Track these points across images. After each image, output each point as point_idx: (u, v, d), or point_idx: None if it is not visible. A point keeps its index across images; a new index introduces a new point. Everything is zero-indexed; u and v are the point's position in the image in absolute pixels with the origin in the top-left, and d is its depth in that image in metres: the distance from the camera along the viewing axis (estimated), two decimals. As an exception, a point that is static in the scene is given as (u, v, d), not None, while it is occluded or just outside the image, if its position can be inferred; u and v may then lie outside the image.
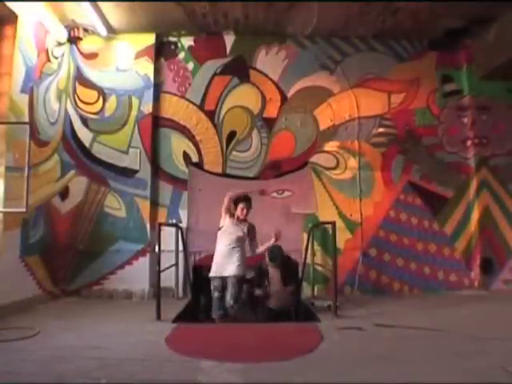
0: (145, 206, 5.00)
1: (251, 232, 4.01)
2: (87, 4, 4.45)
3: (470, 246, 5.20)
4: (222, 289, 3.84)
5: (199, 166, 5.20)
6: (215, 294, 3.86)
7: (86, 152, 5.09)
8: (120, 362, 2.50)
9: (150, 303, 4.24)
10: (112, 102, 5.14)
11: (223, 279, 3.84)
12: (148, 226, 4.97)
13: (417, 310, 4.02)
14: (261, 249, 4.06)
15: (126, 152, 5.09)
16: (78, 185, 5.03)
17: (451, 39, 5.33)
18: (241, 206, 3.98)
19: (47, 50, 4.66)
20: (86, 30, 5.12)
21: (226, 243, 3.88)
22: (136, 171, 5.06)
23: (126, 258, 4.91)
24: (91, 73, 5.20)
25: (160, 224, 4.13)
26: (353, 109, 5.34)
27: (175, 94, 5.29)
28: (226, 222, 3.98)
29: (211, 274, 3.88)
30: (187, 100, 5.27)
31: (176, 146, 5.21)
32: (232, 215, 3.99)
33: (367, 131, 5.32)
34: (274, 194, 5.13)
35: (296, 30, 5.26)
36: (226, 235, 3.91)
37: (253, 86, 5.32)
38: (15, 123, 4.02)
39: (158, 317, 3.65)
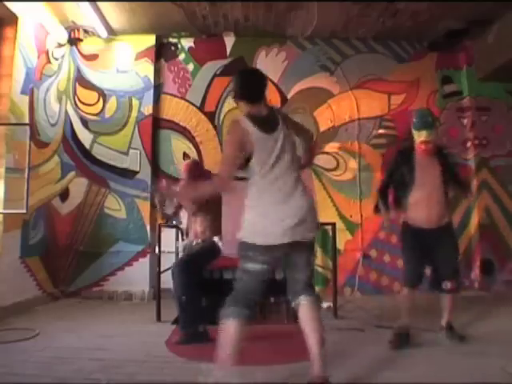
0: (145, 207, 4.99)
1: (290, 122, 2.12)
2: (87, 5, 4.44)
3: (470, 247, 5.19)
4: (270, 270, 2.00)
5: (199, 167, 5.20)
6: (248, 283, 1.97)
7: (87, 153, 5.08)
8: (120, 364, 2.50)
9: (150, 304, 4.25)
10: (112, 103, 5.14)
11: (278, 249, 1.91)
12: (148, 227, 4.96)
13: (417, 311, 4.00)
14: None
15: (126, 153, 5.08)
16: (78, 186, 5.02)
17: (451, 40, 5.33)
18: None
19: (47, 52, 4.66)
20: (86, 32, 5.11)
21: (272, 176, 1.95)
22: (136, 172, 5.05)
23: (126, 260, 4.90)
24: (91, 74, 5.20)
25: (160, 225, 4.12)
26: (353, 110, 5.34)
27: (175, 96, 5.29)
28: (251, 139, 1.95)
29: (248, 240, 1.94)
30: (187, 101, 5.27)
31: (176, 147, 5.21)
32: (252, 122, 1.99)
33: (367, 132, 5.32)
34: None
35: (296, 32, 5.26)
36: (266, 163, 1.94)
37: (253, 87, 5.31)
38: (15, 124, 4.02)
39: (159, 318, 3.66)
